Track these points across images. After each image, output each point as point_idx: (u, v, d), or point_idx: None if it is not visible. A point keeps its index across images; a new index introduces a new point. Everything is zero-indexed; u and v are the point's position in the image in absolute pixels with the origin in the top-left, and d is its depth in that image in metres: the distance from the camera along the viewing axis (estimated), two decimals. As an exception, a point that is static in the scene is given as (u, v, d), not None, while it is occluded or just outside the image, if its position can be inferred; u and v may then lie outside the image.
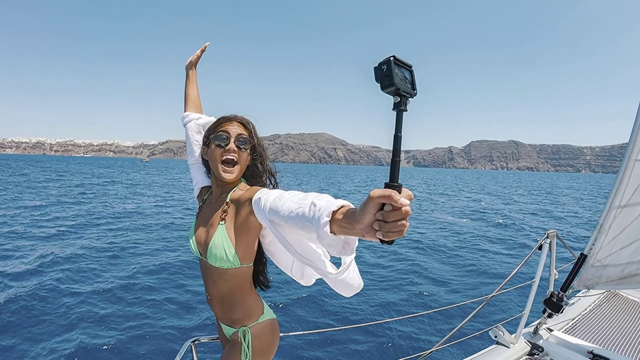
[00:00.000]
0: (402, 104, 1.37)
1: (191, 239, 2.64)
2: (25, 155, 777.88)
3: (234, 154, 2.55)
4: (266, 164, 2.74)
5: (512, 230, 23.51)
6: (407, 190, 1.36)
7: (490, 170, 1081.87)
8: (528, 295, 4.44)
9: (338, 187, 65.60)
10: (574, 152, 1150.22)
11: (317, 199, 1.73)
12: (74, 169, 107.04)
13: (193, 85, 3.35)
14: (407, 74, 1.45)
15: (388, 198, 1.32)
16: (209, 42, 3.51)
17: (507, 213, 32.83)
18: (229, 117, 2.66)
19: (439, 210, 33.95)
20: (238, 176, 2.61)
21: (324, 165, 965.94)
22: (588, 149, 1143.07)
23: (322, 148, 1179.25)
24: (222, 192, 2.64)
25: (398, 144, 1.36)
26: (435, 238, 19.70)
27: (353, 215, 1.46)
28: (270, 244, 2.61)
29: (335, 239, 1.59)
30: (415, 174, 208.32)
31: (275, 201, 1.97)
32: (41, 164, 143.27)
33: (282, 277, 11.12)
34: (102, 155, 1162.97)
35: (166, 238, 17.46)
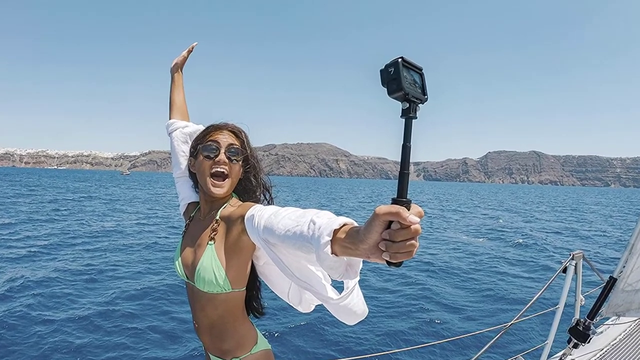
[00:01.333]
0: (411, 111, 1.34)
1: (177, 261, 2.62)
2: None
3: (225, 166, 2.53)
4: (260, 177, 2.72)
5: (534, 251, 23.46)
6: (416, 206, 1.33)
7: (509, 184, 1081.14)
8: (551, 323, 4.42)
9: (340, 203, 65.60)
10: (603, 164, 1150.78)
11: (317, 216, 1.69)
12: (46, 182, 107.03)
13: (179, 90, 3.33)
14: (416, 77, 1.43)
15: (396, 215, 1.28)
16: (197, 42, 3.49)
17: (528, 232, 32.78)
18: (218, 125, 2.64)
19: (452, 228, 33.92)
20: (229, 191, 2.58)
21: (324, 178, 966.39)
22: (618, 161, 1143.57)
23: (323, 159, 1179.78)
24: (211, 209, 2.61)
25: (407, 155, 1.33)
26: (448, 260, 19.66)
27: (357, 234, 1.42)
28: (264, 266, 2.59)
29: (337, 260, 1.55)
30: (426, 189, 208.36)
31: (270, 218, 1.94)
32: (10, 177, 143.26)
33: (277, 303, 11.10)
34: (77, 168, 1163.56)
35: (149, 260, 17.42)
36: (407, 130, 1.34)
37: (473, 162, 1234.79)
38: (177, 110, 3.24)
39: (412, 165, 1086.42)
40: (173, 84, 3.33)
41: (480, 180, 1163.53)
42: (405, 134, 1.34)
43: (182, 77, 3.40)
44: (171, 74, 3.36)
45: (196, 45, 3.49)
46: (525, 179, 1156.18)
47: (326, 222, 1.60)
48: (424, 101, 1.41)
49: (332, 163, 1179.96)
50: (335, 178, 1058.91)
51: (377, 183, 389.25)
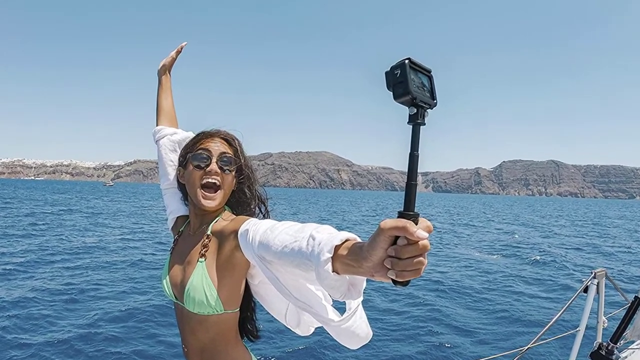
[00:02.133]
0: (419, 116, 1.34)
1: (164, 280, 2.60)
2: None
3: (216, 177, 2.51)
4: (255, 189, 2.71)
5: (552, 268, 23.42)
6: (425, 220, 1.33)
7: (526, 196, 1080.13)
8: (571, 347, 4.41)
9: (342, 216, 65.56)
10: (627, 175, 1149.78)
11: (317, 231, 1.68)
12: (22, 194, 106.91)
13: (167, 94, 3.32)
14: (425, 80, 1.42)
15: (402, 230, 1.27)
16: (186, 42, 3.48)
17: (545, 248, 32.73)
18: (210, 132, 2.64)
19: (463, 244, 33.88)
20: (221, 203, 2.57)
21: (324, 190, 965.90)
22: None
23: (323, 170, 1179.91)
24: (201, 223, 2.60)
25: (414, 165, 1.32)
26: (459, 278, 19.63)
27: (360, 250, 1.41)
28: (260, 286, 2.57)
29: (338, 279, 1.55)
30: (436, 201, 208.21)
31: (266, 233, 1.93)
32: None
33: (274, 325, 11.06)
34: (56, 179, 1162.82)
35: (134, 278, 17.38)
36: (414, 137, 1.33)
37: (486, 172, 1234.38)
38: (164, 116, 3.22)
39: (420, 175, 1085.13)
40: (160, 88, 3.31)
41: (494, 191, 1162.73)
42: (412, 142, 1.33)
43: (170, 79, 3.38)
44: (158, 76, 3.34)
45: (185, 45, 3.47)
46: (543, 191, 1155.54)
47: (327, 238, 1.59)
48: (433, 106, 1.40)
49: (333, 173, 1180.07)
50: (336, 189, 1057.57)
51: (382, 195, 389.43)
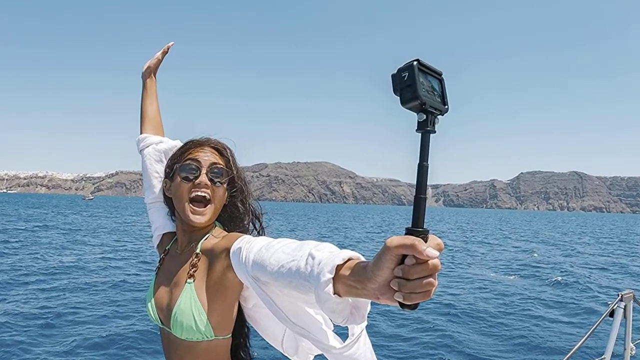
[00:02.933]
0: (428, 123, 1.33)
1: (149, 303, 2.58)
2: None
3: (206, 190, 2.50)
4: (248, 203, 2.70)
5: (575, 290, 23.39)
6: (435, 237, 1.32)
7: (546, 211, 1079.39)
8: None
9: (344, 233, 65.50)
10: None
11: (317, 249, 1.67)
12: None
13: (152, 99, 3.31)
14: (435, 83, 1.42)
15: (410, 248, 1.26)
16: (173, 42, 3.47)
17: (568, 268, 32.69)
18: (199, 141, 2.63)
19: (477, 264, 33.85)
20: (211, 219, 2.55)
21: (325, 204, 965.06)
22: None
23: (323, 182, 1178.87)
24: (190, 240, 2.58)
25: (424, 177, 1.32)
26: (473, 301, 19.59)
27: (364, 270, 1.40)
28: (254, 309, 2.55)
29: (340, 302, 1.53)
30: (447, 216, 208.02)
31: (261, 252, 1.92)
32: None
33: (269, 353, 11.01)
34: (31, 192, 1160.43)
35: (116, 301, 17.36)
36: (423, 146, 1.32)
37: (502, 184, 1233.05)
38: (149, 123, 3.21)
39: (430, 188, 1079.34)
40: (145, 92, 3.30)
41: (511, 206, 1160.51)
42: (421, 152, 1.32)
43: (155, 83, 3.37)
44: (142, 79, 3.33)
45: (172, 46, 3.46)
46: (565, 205, 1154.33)
47: (327, 257, 1.58)
48: (444, 112, 1.39)
49: (335, 186, 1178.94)
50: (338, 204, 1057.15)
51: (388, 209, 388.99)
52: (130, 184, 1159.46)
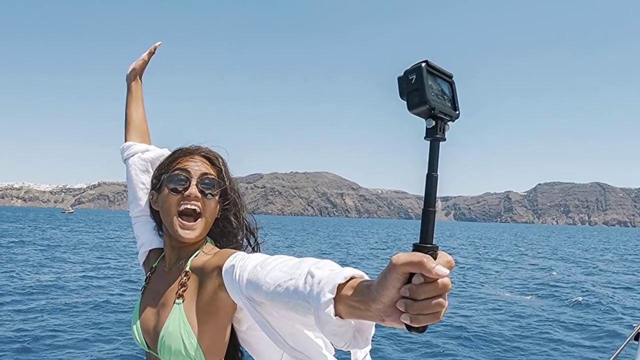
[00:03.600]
0: (438, 130, 1.32)
1: (135, 325, 2.57)
2: None
3: (197, 203, 2.48)
4: (242, 217, 2.69)
5: (597, 311, 23.34)
6: (445, 254, 1.31)
7: (565, 225, 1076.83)
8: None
9: (346, 249, 65.40)
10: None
11: (316, 267, 1.65)
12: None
13: (137, 104, 3.30)
14: (445, 87, 1.41)
15: (418, 266, 1.25)
16: (160, 42, 3.47)
17: (589, 287, 32.65)
18: (189, 149, 2.62)
19: (491, 283, 33.80)
20: (202, 234, 2.54)
21: (325, 218, 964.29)
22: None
23: (324, 194, 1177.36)
24: (179, 258, 2.57)
25: (433, 188, 1.31)
26: (486, 323, 19.56)
27: (368, 290, 1.39)
28: (248, 332, 2.52)
29: (342, 324, 1.51)
30: (458, 231, 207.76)
31: (256, 270, 1.90)
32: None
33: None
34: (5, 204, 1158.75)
35: (98, 323, 17.32)
36: (432, 155, 1.32)
37: (518, 196, 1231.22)
38: (134, 130, 3.19)
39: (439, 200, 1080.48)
40: (130, 96, 3.28)
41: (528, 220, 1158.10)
42: (430, 161, 1.32)
43: (141, 87, 3.36)
44: (127, 82, 3.32)
45: (159, 46, 3.45)
46: (586, 219, 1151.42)
47: (328, 275, 1.56)
48: (455, 118, 1.39)
49: (336, 198, 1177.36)
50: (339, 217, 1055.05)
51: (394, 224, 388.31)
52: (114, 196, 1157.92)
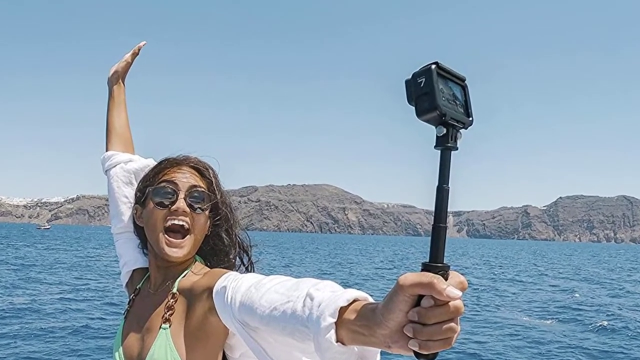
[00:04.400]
0: (449, 139, 1.31)
1: (117, 352, 2.54)
2: None
3: (185, 218, 2.47)
4: (235, 233, 2.68)
5: (624, 337, 23.29)
6: (457, 274, 1.30)
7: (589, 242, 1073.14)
8: None
9: (349, 269, 65.36)
10: None
11: (316, 288, 1.63)
12: None
13: (120, 110, 3.29)
14: (457, 90, 1.41)
15: (428, 287, 1.23)
16: (145, 41, 3.47)
17: (615, 311, 32.59)
18: (176, 159, 2.61)
19: (507, 305, 33.76)
20: (191, 252, 2.52)
21: (326, 234, 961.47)
22: None
23: (324, 208, 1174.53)
24: (165, 278, 2.55)
25: (444, 202, 1.30)
26: (502, 350, 19.52)
27: (372, 314, 1.38)
28: (241, 359, 2.54)
29: (344, 351, 1.49)
30: (471, 249, 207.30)
31: (250, 292, 1.89)
32: None
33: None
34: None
35: (77, 350, 17.28)
36: (443, 166, 1.31)
37: (537, 211, 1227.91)
38: (117, 138, 3.18)
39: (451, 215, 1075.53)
40: (112, 101, 3.28)
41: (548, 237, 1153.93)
42: (441, 172, 1.31)
43: (124, 90, 3.36)
44: (109, 86, 3.32)
45: (144, 46, 3.45)
46: (612, 236, 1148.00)
47: (329, 298, 1.54)
48: (468, 125, 1.38)
49: (338, 213, 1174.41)
50: (341, 234, 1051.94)
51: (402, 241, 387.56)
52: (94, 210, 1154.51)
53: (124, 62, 3.33)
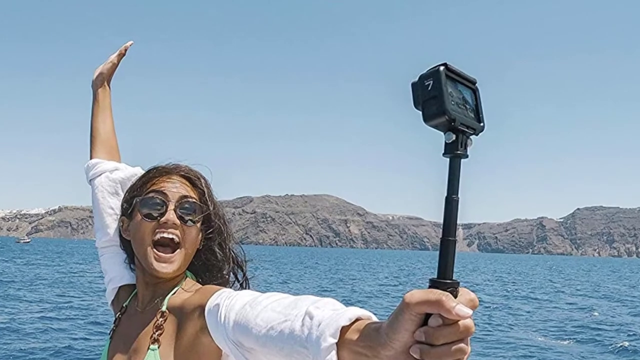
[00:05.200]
0: (459, 145, 1.30)
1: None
2: None
3: (175, 231, 2.45)
4: (229, 247, 2.67)
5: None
6: (467, 291, 1.29)
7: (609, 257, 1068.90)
8: None
9: (351, 286, 65.29)
10: None
11: (316, 306, 1.62)
12: None
13: (105, 115, 3.28)
14: (467, 94, 1.40)
15: (436, 305, 1.22)
16: (132, 41, 3.46)
17: (637, 330, 32.57)
18: (165, 168, 2.60)
19: (521, 325, 33.73)
20: (181, 268, 2.51)
21: (326, 248, 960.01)
22: None
23: (324, 220, 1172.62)
24: (154, 295, 2.54)
25: (453, 214, 1.29)
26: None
27: (376, 333, 1.37)
28: (236, 383, 2.50)
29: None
30: (482, 264, 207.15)
31: (245, 310, 1.87)
32: None
33: None
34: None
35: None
36: (452, 175, 1.30)
37: (553, 223, 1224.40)
38: (102, 146, 3.17)
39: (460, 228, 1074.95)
40: (96, 105, 3.26)
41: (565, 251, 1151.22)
42: (450, 182, 1.30)
43: (109, 94, 3.35)
44: (93, 89, 3.30)
45: (131, 46, 3.44)
46: (634, 250, 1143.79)
47: (329, 317, 1.53)
48: (479, 131, 1.37)
49: (339, 225, 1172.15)
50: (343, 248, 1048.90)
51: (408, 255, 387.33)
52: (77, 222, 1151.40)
53: (109, 64, 3.32)
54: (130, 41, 3.42)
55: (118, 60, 3.36)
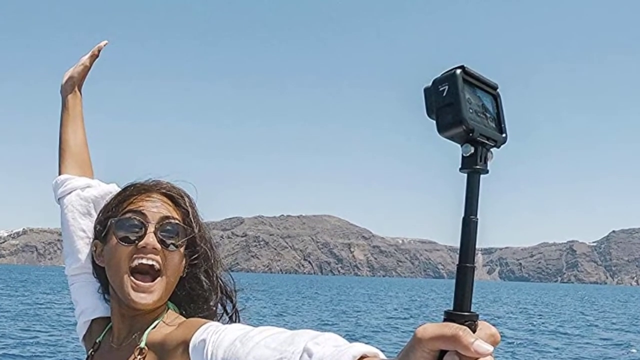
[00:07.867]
0: (478, 159, 1.27)
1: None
2: None
3: (155, 256, 2.43)
4: (216, 275, 2.66)
5: (693, 402, 23.28)
6: (487, 325, 1.28)
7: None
8: None
9: (355, 318, 65.25)
10: None
11: (315, 342, 1.62)
12: None
13: (76, 124, 3.26)
14: (488, 101, 1.38)
15: (452, 340, 1.19)
16: (107, 41, 3.44)
17: (682, 369, 32.57)
18: (144, 185, 2.59)
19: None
20: (162, 299, 2.49)
21: (327, 276, 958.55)
22: None
23: (325, 244, 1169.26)
24: (131, 330, 2.51)
25: (471, 237, 1.27)
26: (544, 418, 19.51)
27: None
28: None
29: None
30: (505, 294, 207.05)
31: (235, 347, 1.87)
32: None
33: None
34: None
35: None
36: (471, 193, 1.28)
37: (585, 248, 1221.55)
38: (72, 159, 3.14)
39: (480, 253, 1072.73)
40: (66, 114, 3.24)
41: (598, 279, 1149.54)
42: (468, 201, 1.28)
43: (81, 100, 3.33)
44: (62, 95, 3.28)
45: (105, 46, 3.42)
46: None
47: (331, 354, 1.53)
48: (501, 143, 1.35)
49: (342, 250, 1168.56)
50: (346, 276, 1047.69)
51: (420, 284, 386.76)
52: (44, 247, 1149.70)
53: (80, 67, 3.29)
54: (105, 41, 3.40)
55: (90, 63, 3.33)
